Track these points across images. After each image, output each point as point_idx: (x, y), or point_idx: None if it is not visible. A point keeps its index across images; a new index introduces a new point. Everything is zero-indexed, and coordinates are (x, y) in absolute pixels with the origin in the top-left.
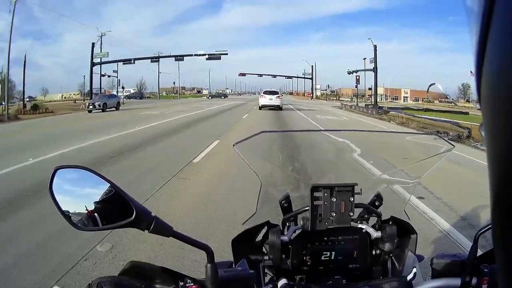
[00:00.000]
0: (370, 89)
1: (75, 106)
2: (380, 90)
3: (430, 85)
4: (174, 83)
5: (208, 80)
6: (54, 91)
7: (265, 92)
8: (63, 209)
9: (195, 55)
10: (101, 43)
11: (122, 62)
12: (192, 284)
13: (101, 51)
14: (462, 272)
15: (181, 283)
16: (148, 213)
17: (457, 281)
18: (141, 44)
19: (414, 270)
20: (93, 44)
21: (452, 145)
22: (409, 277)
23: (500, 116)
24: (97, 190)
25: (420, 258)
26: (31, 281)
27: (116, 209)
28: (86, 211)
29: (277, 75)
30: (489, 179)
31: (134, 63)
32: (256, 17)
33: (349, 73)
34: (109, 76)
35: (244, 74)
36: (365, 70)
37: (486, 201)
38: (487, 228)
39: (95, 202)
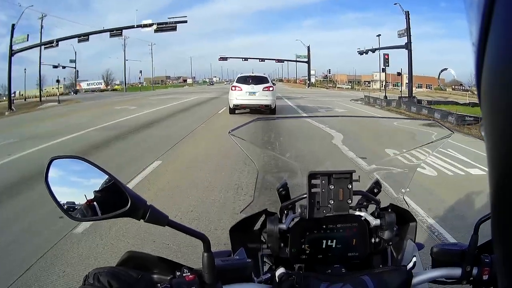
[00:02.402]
0: (399, 73)
1: None
2: (381, 76)
3: (442, 70)
4: (140, 72)
5: (190, 69)
6: None
7: (242, 80)
8: (59, 199)
9: (138, 26)
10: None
11: (44, 46)
12: (189, 273)
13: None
14: (462, 262)
15: (178, 273)
16: (144, 202)
17: (457, 271)
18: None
19: (414, 259)
20: (13, 25)
21: (451, 131)
22: (409, 266)
23: (500, 115)
24: (93, 180)
25: (419, 246)
26: None
27: (111, 199)
28: (82, 202)
29: (266, 59)
30: (489, 176)
31: (57, 45)
32: (246, 4)
33: (361, 53)
34: (64, 67)
35: (225, 58)
36: (388, 47)
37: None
38: (487, 217)
39: (91, 192)
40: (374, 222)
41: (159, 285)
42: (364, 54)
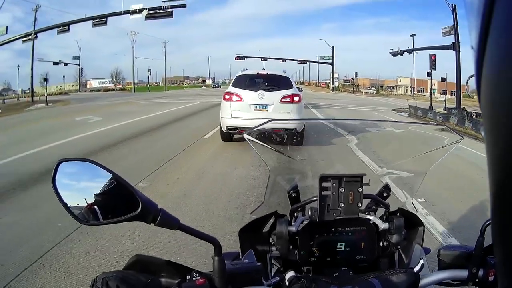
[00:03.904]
0: (443, 79)
1: None
2: (406, 81)
3: (470, 77)
4: (149, 71)
5: (208, 70)
6: None
7: (243, 81)
8: (67, 202)
9: (126, 12)
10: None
11: (22, 40)
12: (199, 277)
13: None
14: (469, 264)
15: (188, 277)
16: (154, 206)
17: (464, 273)
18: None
19: (421, 261)
20: None
21: (461, 136)
22: (416, 269)
23: (500, 116)
24: (102, 183)
25: (427, 250)
26: None
27: (121, 202)
28: (92, 205)
29: (287, 59)
30: (489, 178)
31: (35, 37)
32: (265, 7)
33: (394, 54)
34: (65, 64)
35: (243, 58)
36: (429, 48)
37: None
38: None
39: (100, 195)
40: (383, 226)
41: None
42: (399, 55)
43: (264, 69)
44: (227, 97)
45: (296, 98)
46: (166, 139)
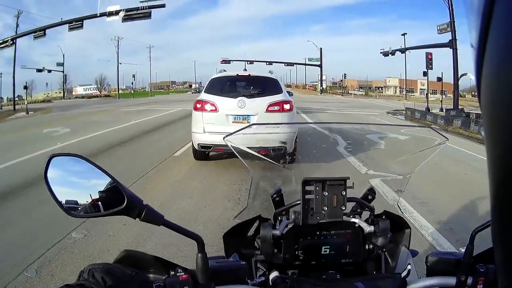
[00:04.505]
0: (439, 79)
1: None
2: (395, 82)
3: (461, 76)
4: (133, 76)
5: (194, 74)
6: None
7: (220, 86)
8: (57, 196)
9: (102, 15)
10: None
11: None
12: (183, 273)
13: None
14: (457, 271)
15: (172, 272)
16: (140, 201)
17: (452, 280)
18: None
19: (409, 267)
20: None
21: (446, 137)
22: (403, 274)
23: (500, 116)
24: (92, 178)
25: (414, 253)
26: None
27: (108, 197)
28: (81, 200)
29: (274, 62)
30: (489, 178)
31: (12, 43)
32: (253, 10)
33: (386, 54)
34: (49, 71)
35: (228, 61)
36: (427, 46)
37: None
38: (483, 226)
39: (88, 189)
40: (368, 228)
41: (153, 283)
42: (390, 55)
43: (245, 69)
44: (198, 106)
45: (286, 106)
46: (126, 159)
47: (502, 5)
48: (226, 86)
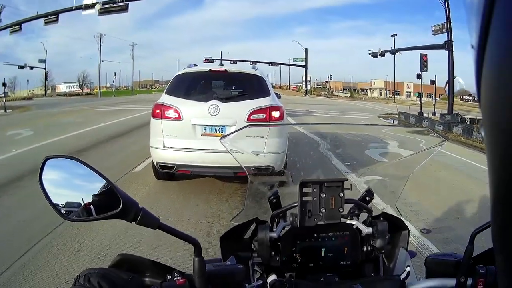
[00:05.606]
0: (433, 82)
1: None
2: (380, 84)
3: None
4: (115, 74)
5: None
6: None
7: (185, 85)
8: (52, 199)
9: (78, 8)
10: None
11: None
12: (180, 277)
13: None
14: (457, 272)
15: (169, 277)
16: (136, 205)
17: (451, 282)
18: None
19: (408, 269)
20: None
21: (444, 138)
22: (402, 276)
23: (500, 116)
24: (86, 181)
25: (412, 254)
26: None
27: (103, 200)
28: (77, 202)
29: (258, 62)
30: (489, 179)
31: None
32: (238, 11)
33: (374, 56)
34: (31, 68)
35: (211, 60)
36: (420, 48)
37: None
38: (483, 227)
39: (83, 192)
40: (366, 230)
41: None
42: (380, 56)
43: (222, 64)
44: (157, 111)
45: (275, 114)
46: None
47: (502, 5)
48: (195, 85)
